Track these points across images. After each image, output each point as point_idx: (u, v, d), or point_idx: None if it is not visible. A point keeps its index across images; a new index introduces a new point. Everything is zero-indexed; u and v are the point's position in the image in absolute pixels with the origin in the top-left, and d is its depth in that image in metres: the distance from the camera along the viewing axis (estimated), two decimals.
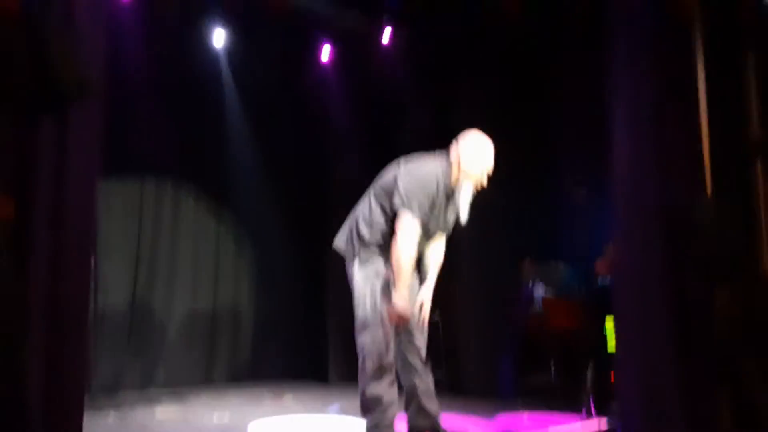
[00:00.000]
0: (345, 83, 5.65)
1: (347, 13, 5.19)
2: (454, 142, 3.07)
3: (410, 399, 3.14)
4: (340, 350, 5.42)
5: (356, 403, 4.38)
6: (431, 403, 3.13)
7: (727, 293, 3.51)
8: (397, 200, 2.88)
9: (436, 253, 3.15)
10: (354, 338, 3.03)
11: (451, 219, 3.07)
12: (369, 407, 2.94)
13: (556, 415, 3.82)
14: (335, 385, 5.22)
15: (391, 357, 2.96)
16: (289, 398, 4.68)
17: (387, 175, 3.07)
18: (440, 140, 5.17)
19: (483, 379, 4.75)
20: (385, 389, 2.93)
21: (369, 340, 2.93)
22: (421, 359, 3.13)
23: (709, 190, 3.63)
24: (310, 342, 5.68)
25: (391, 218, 2.94)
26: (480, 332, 4.79)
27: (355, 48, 5.58)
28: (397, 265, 2.84)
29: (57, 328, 2.46)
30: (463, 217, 2.99)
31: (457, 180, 2.98)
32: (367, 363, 2.93)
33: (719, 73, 3.66)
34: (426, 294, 3.12)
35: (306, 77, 5.70)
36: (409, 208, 2.85)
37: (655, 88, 3.57)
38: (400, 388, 3.08)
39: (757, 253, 3.50)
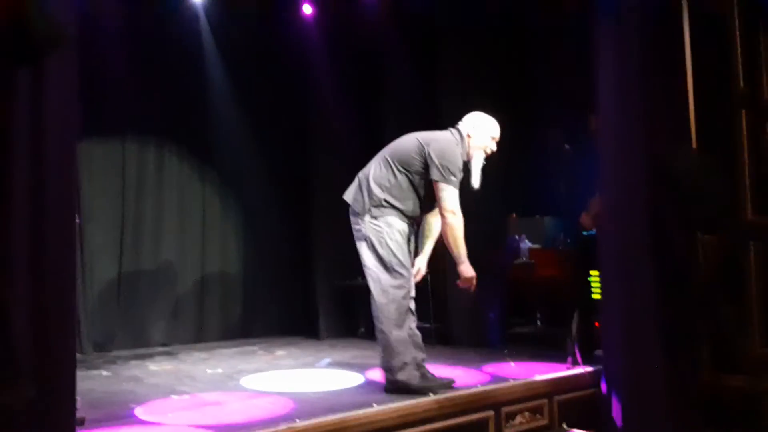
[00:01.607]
0: (327, 36, 5.54)
1: None
2: (459, 122, 3.36)
3: None
4: (329, 306, 5.49)
5: (346, 356, 4.52)
6: (419, 352, 3.26)
7: (710, 242, 3.58)
8: (436, 175, 3.14)
9: (435, 226, 3.41)
10: (346, 290, 3.22)
11: None
12: (395, 349, 3.12)
13: (541, 364, 3.90)
14: (325, 341, 5.29)
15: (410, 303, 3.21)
16: (280, 354, 4.74)
17: (406, 148, 3.30)
18: (424, 92, 5.19)
19: (470, 330, 4.84)
20: (406, 331, 3.15)
21: (395, 284, 3.14)
22: (411, 311, 3.29)
23: (694, 142, 3.67)
24: (299, 299, 5.71)
25: (415, 183, 3.23)
26: None
27: (336, 1, 5.47)
28: (453, 240, 3.18)
29: (42, 285, 2.44)
30: (475, 182, 3.27)
31: (468, 154, 3.27)
32: (390, 307, 3.13)
33: (705, 25, 3.66)
34: (422, 262, 3.41)
35: (287, 30, 5.57)
36: (450, 182, 3.15)
37: (641, 42, 3.57)
38: None
39: (739, 203, 3.55)
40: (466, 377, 3.58)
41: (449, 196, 3.15)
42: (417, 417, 2.97)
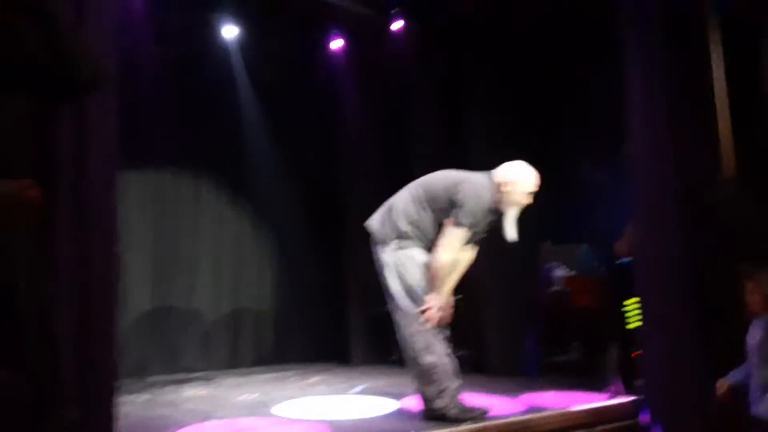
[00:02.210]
0: (356, 70, 5.69)
1: (357, 4, 5.23)
2: (495, 170, 3.30)
3: None
4: (362, 333, 5.49)
5: (379, 383, 4.49)
6: (454, 379, 3.22)
7: (749, 270, 3.48)
8: (455, 213, 3.13)
9: (463, 261, 3.38)
10: (379, 316, 3.22)
11: (484, 235, 3.35)
12: (429, 377, 3.11)
13: (579, 393, 3.82)
14: (358, 368, 5.29)
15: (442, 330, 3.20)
16: (314, 380, 4.74)
17: (436, 184, 3.29)
18: (451, 123, 5.23)
19: (506, 359, 4.77)
20: (438, 358, 3.12)
21: (415, 314, 3.14)
22: (444, 338, 3.27)
23: (729, 169, 3.60)
24: (332, 326, 5.73)
25: (438, 223, 3.21)
26: (503, 313, 4.81)
27: (365, 37, 5.61)
28: (436, 271, 3.14)
29: (86, 312, 2.52)
30: (510, 236, 3.24)
31: (500, 202, 3.23)
32: (419, 337, 3.13)
33: (737, 50, 3.62)
34: (445, 293, 3.32)
35: (317, 67, 5.75)
36: (464, 225, 3.12)
37: (672, 67, 3.55)
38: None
39: None
40: (501, 406, 3.51)
41: (455, 236, 3.14)
42: None
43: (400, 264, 3.20)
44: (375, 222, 3.36)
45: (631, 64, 3.64)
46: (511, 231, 3.24)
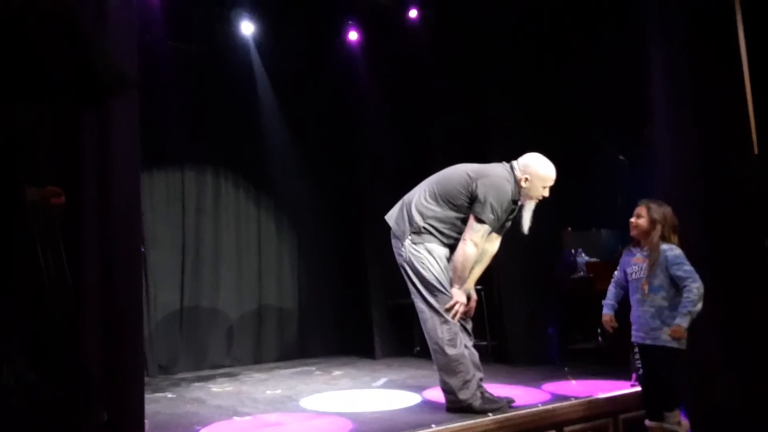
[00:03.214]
0: (374, 62, 5.67)
1: None
2: (515, 163, 3.31)
3: None
4: (384, 325, 5.50)
5: (402, 375, 4.50)
6: (477, 371, 3.25)
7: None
8: (478, 208, 3.16)
9: (488, 252, 3.40)
10: (401, 309, 3.22)
11: (507, 224, 3.36)
12: (453, 368, 3.13)
13: (604, 381, 3.80)
14: (381, 360, 5.30)
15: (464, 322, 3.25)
16: (338, 374, 4.77)
17: (451, 181, 3.30)
18: (472, 115, 5.19)
19: (528, 347, 4.75)
20: (462, 350, 3.15)
21: (442, 306, 3.16)
22: (466, 330, 3.30)
23: (755, 146, 3.54)
24: (354, 319, 5.76)
25: (458, 217, 3.24)
26: (524, 301, 4.78)
27: (382, 27, 5.58)
28: (461, 265, 3.17)
29: (111, 312, 2.56)
30: (525, 229, 3.28)
31: (519, 194, 3.25)
32: (443, 328, 3.15)
33: (761, 24, 3.54)
34: (469, 286, 3.35)
35: (335, 59, 5.74)
36: (487, 220, 3.14)
37: (697, 43, 3.49)
38: None
39: None
40: (525, 396, 3.51)
41: (479, 230, 3.17)
42: None
43: (420, 257, 3.21)
44: (392, 217, 3.38)
45: (654, 43, 3.59)
46: (526, 225, 3.26)
